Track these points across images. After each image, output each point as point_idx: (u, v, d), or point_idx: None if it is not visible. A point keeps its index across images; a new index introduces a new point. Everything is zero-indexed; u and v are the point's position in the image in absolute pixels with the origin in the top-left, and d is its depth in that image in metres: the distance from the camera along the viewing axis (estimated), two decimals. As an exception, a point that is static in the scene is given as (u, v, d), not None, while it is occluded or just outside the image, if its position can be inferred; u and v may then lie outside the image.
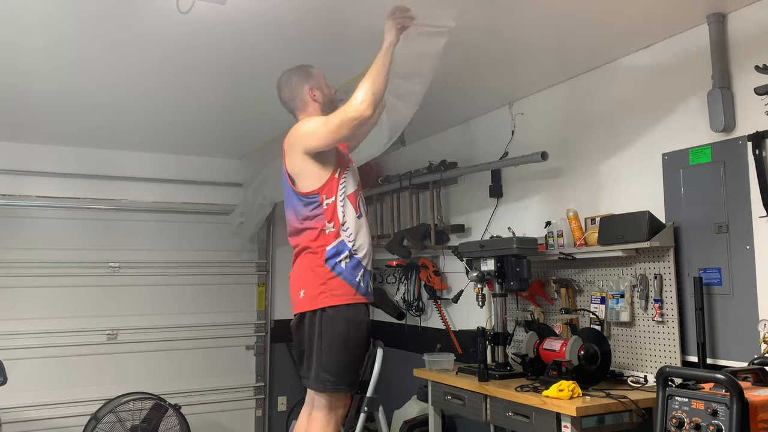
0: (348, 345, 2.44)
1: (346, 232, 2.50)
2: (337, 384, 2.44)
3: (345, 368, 2.44)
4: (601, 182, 3.14)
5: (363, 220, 2.56)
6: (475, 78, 3.32)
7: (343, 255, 2.47)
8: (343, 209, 2.52)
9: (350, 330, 2.45)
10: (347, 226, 2.51)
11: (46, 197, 4.55)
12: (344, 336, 2.44)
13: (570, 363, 2.69)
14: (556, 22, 2.63)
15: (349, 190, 2.56)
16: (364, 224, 2.57)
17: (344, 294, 2.46)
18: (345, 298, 2.46)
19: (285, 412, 5.27)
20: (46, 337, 4.46)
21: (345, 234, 2.50)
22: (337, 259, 2.47)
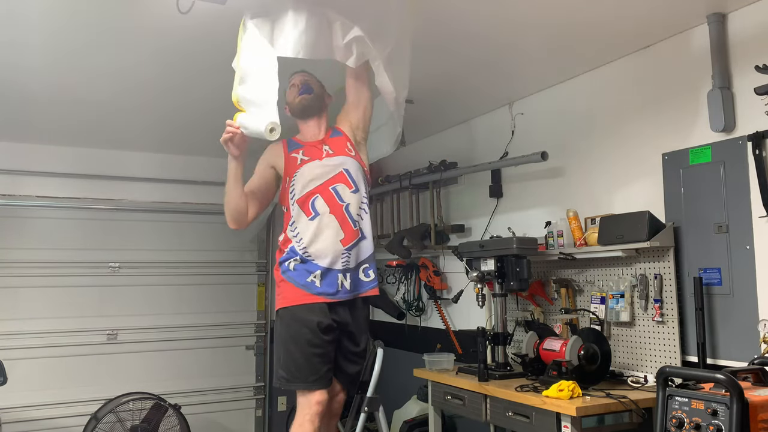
0: (298, 343, 2.45)
1: (296, 237, 2.52)
2: (290, 381, 2.46)
3: (296, 365, 2.45)
4: (601, 182, 3.14)
5: (318, 220, 2.50)
6: (475, 78, 3.32)
7: (292, 259, 2.52)
8: (294, 215, 2.55)
9: (297, 327, 2.47)
10: (296, 231, 2.53)
11: (46, 197, 4.55)
12: (291, 334, 2.48)
13: (570, 363, 2.69)
14: (556, 22, 2.63)
15: (297, 195, 2.55)
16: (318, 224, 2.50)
17: (292, 295, 2.51)
18: (292, 299, 2.50)
19: (285, 412, 5.27)
20: (46, 337, 4.46)
21: (295, 239, 2.52)
22: (286, 263, 2.53)
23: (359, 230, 2.56)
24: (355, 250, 2.54)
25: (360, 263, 2.57)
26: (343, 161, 2.59)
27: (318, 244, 2.49)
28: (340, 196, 2.54)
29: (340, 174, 2.57)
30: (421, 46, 2.72)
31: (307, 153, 2.61)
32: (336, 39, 2.28)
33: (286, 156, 2.63)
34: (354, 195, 2.57)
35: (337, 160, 2.59)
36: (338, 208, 2.52)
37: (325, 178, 2.55)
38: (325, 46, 2.28)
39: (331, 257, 2.48)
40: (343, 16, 2.26)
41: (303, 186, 2.54)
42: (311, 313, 2.46)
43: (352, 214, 2.54)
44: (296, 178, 2.56)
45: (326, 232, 2.50)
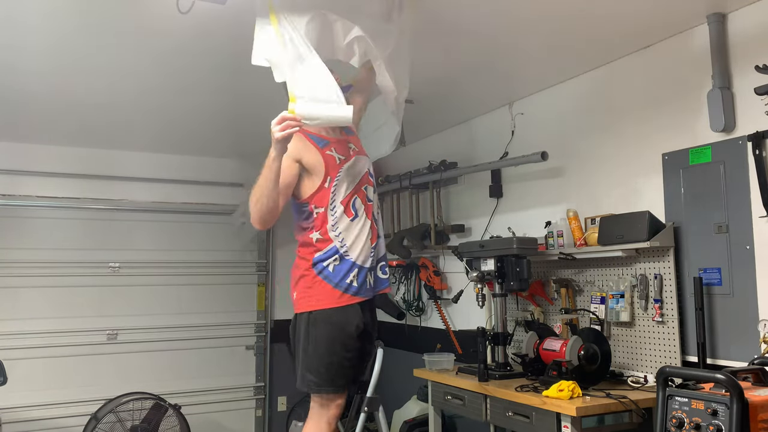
0: (332, 347, 2.42)
1: (338, 237, 2.47)
2: (321, 385, 2.42)
3: (328, 370, 2.42)
4: (601, 182, 3.14)
5: (358, 221, 2.49)
6: (475, 78, 3.32)
7: (331, 259, 2.46)
8: (335, 216, 2.48)
9: (334, 332, 2.43)
10: (339, 232, 2.48)
11: (46, 197, 4.55)
12: (327, 337, 2.43)
13: (570, 363, 2.69)
14: (556, 22, 2.63)
15: (340, 197, 2.49)
16: (360, 224, 2.50)
17: (329, 297, 2.45)
18: (329, 301, 2.45)
19: (285, 412, 5.27)
20: (46, 337, 4.45)
21: (337, 239, 2.47)
22: (324, 263, 2.46)
23: (378, 228, 2.60)
24: (377, 248, 2.57)
25: (378, 260, 2.58)
26: (365, 162, 2.62)
27: (358, 245, 2.48)
28: (368, 196, 2.57)
29: (366, 175, 2.59)
30: (421, 46, 2.72)
31: (339, 151, 2.54)
32: (338, 39, 2.29)
33: (321, 153, 2.50)
34: (375, 195, 2.62)
35: (363, 159, 2.61)
36: (369, 209, 2.54)
37: (359, 177, 2.55)
38: (327, 47, 2.28)
39: (367, 255, 2.50)
40: (344, 16, 2.26)
41: (347, 186, 2.50)
42: (349, 317, 2.44)
43: (375, 214, 2.58)
44: (340, 177, 2.50)
45: (364, 232, 2.51)
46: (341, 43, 2.29)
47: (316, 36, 2.23)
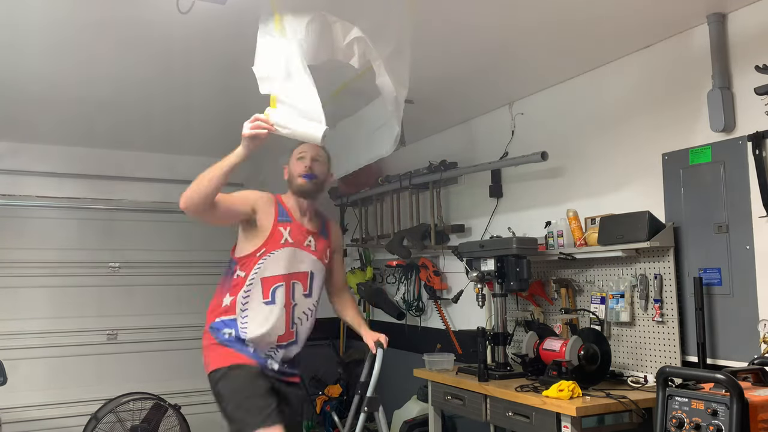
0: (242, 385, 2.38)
1: (243, 313, 2.45)
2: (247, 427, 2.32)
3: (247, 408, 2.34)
4: (601, 182, 3.13)
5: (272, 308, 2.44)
6: (475, 78, 3.32)
7: (226, 329, 2.46)
8: (250, 291, 2.45)
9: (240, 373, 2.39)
10: (246, 308, 2.45)
11: (46, 197, 4.55)
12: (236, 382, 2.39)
13: (570, 363, 2.69)
14: (556, 22, 2.63)
15: (266, 273, 2.45)
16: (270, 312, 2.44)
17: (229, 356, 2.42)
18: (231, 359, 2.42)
19: (285, 412, 5.27)
20: (46, 337, 4.46)
21: (241, 316, 2.45)
22: (222, 331, 2.47)
23: (294, 334, 2.53)
24: (284, 351, 2.52)
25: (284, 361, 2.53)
26: (315, 264, 2.57)
27: (259, 331, 2.43)
28: (294, 293, 2.50)
29: (304, 273, 2.54)
30: (421, 46, 2.71)
31: (293, 235, 2.52)
32: (337, 40, 2.29)
33: (274, 221, 2.51)
34: (304, 298, 2.54)
35: (312, 259, 2.56)
36: (288, 304, 2.48)
37: (294, 269, 2.50)
38: (326, 48, 2.29)
39: (262, 345, 2.45)
40: (343, 17, 2.26)
41: (275, 268, 2.47)
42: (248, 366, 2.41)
43: (295, 316, 2.51)
44: (273, 256, 2.47)
45: (271, 321, 2.44)
46: (341, 44, 2.29)
47: (315, 37, 2.23)
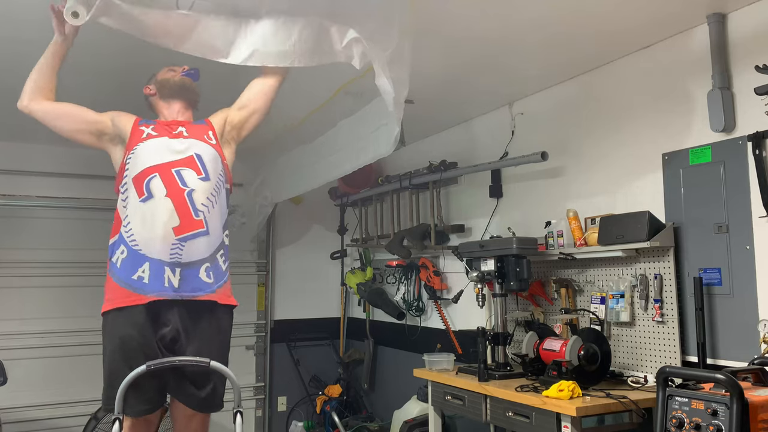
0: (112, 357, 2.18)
1: (125, 223, 2.19)
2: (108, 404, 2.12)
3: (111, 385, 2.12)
4: (601, 182, 3.13)
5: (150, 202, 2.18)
6: (475, 78, 3.32)
7: (118, 251, 2.20)
8: (126, 196, 2.23)
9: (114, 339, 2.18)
10: (126, 215, 2.20)
11: (46, 197, 4.55)
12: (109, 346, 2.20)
13: (570, 363, 2.69)
14: (556, 21, 2.63)
15: (136, 171, 2.23)
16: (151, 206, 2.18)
17: (114, 298, 2.19)
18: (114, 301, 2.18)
19: (285, 412, 5.27)
20: (46, 337, 4.46)
21: (123, 226, 2.20)
22: (113, 257, 2.22)
23: (203, 222, 2.24)
24: (192, 244, 2.20)
25: (200, 260, 2.23)
26: (197, 145, 2.35)
27: (146, 230, 2.17)
28: (183, 180, 2.24)
29: (189, 158, 2.30)
30: (421, 46, 2.71)
31: (157, 129, 2.36)
32: (335, 44, 2.29)
33: (134, 127, 2.35)
34: (202, 183, 2.28)
35: (188, 142, 2.34)
36: (179, 192, 2.22)
37: (169, 158, 2.27)
38: (324, 51, 2.29)
39: (159, 246, 2.16)
40: (341, 19, 2.26)
41: (141, 161, 2.25)
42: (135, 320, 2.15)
43: (195, 202, 2.23)
44: (136, 151, 2.28)
45: (157, 217, 2.18)
46: (339, 46, 2.30)
47: (311, 43, 2.24)
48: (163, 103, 2.51)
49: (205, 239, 2.25)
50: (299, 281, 5.43)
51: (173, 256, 2.18)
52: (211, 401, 2.30)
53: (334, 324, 5.50)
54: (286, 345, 5.29)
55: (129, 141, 2.34)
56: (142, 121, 2.41)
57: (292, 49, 2.22)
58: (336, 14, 2.27)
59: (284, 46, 2.22)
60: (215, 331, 2.31)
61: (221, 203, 2.35)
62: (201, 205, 2.25)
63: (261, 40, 2.23)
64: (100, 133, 2.41)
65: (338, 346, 5.44)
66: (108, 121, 2.41)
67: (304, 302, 5.43)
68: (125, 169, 2.30)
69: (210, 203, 2.28)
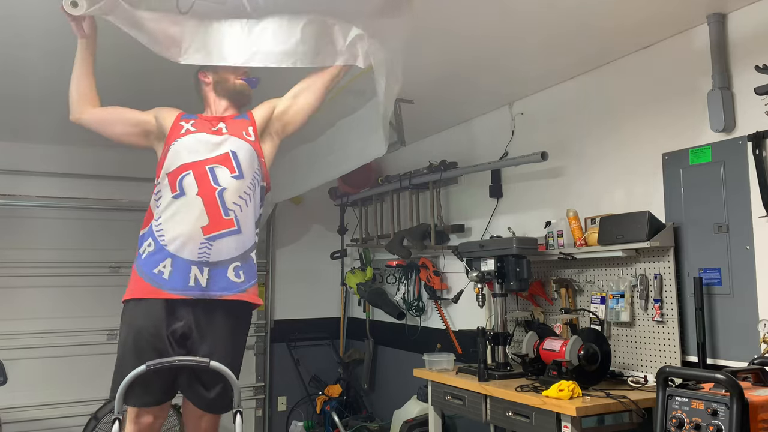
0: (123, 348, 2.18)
1: (156, 217, 2.23)
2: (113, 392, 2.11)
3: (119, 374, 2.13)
4: (601, 182, 3.14)
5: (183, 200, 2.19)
6: (475, 78, 3.32)
7: (146, 243, 2.23)
8: (159, 190, 2.26)
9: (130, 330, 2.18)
10: (159, 211, 2.23)
11: (46, 197, 4.55)
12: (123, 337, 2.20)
13: (570, 363, 2.69)
14: (556, 22, 2.63)
15: (171, 167, 2.24)
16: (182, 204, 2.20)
17: (135, 288, 2.20)
18: (134, 292, 2.20)
19: (285, 412, 5.27)
20: (46, 337, 4.46)
21: (155, 220, 2.23)
22: (141, 248, 2.25)
23: (234, 221, 2.21)
24: (221, 243, 2.19)
25: (229, 260, 2.21)
26: (233, 142, 2.31)
27: (174, 227, 2.18)
28: (216, 178, 2.23)
29: (224, 155, 2.27)
30: (421, 45, 2.72)
31: (197, 124, 2.34)
32: (338, 43, 2.29)
33: (175, 121, 2.36)
34: (235, 181, 2.25)
35: (225, 139, 2.31)
36: (210, 191, 2.20)
37: (204, 155, 2.26)
38: (327, 52, 2.28)
39: (187, 244, 2.16)
40: (343, 17, 2.26)
41: (177, 157, 2.26)
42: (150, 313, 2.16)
43: (226, 201, 2.21)
44: (174, 147, 2.28)
45: (186, 214, 2.18)
46: (342, 46, 2.29)
47: (314, 41, 2.24)
48: (214, 97, 2.46)
49: (235, 238, 2.22)
50: (299, 281, 5.43)
51: (201, 255, 2.17)
52: (220, 402, 2.25)
53: (334, 324, 5.50)
54: (286, 345, 5.29)
55: (168, 135, 2.33)
56: (184, 116, 2.40)
57: (294, 49, 2.21)
58: (337, 13, 2.27)
59: (286, 46, 2.22)
60: (234, 330, 2.28)
61: (255, 201, 2.32)
62: (233, 204, 2.23)
63: (263, 40, 2.23)
64: (147, 133, 2.41)
65: (338, 346, 5.44)
66: (152, 119, 2.40)
67: (304, 302, 5.43)
68: (163, 164, 2.30)
69: (243, 201, 2.26)
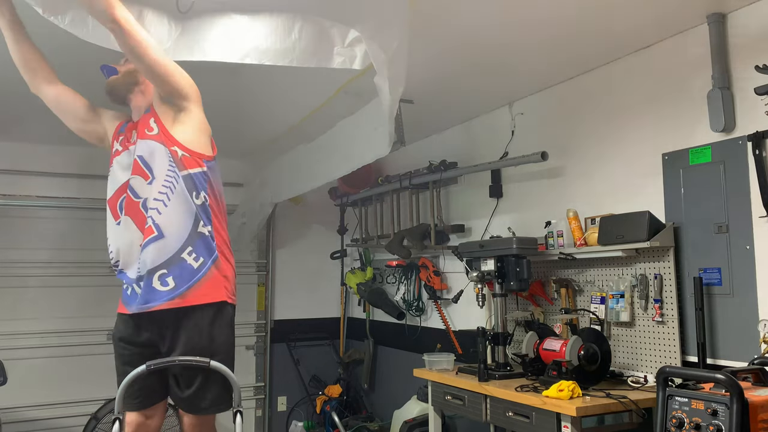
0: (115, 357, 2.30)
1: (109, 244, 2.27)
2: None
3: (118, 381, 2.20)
4: (601, 182, 3.13)
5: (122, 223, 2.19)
6: (475, 78, 3.32)
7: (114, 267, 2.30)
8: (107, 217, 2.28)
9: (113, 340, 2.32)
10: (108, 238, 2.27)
11: (46, 197, 4.55)
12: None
13: (570, 363, 2.69)
14: (556, 22, 2.63)
15: (109, 193, 2.26)
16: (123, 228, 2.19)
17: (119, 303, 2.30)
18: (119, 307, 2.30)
19: (285, 412, 5.27)
20: (46, 337, 4.46)
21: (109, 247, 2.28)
22: None
23: (152, 227, 2.11)
24: (146, 253, 2.11)
25: (154, 269, 2.12)
26: (139, 147, 2.21)
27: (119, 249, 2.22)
28: (135, 191, 2.18)
29: (135, 164, 2.18)
30: (421, 46, 2.72)
31: (124, 141, 2.31)
32: (336, 44, 2.29)
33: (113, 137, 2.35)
34: (149, 187, 2.15)
35: (133, 147, 2.24)
36: (134, 206, 2.17)
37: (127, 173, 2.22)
38: (325, 52, 2.28)
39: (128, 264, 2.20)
40: (342, 19, 2.26)
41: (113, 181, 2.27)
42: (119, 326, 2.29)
43: (148, 210, 2.14)
44: (110, 171, 2.31)
45: (126, 237, 2.19)
46: (340, 47, 2.29)
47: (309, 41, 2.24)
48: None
49: (156, 245, 2.11)
50: (299, 281, 5.43)
51: (139, 269, 2.17)
52: (196, 402, 2.21)
53: (334, 324, 5.50)
54: (286, 345, 5.29)
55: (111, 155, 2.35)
56: (120, 129, 2.39)
57: (292, 47, 2.22)
58: (336, 14, 2.27)
59: (284, 44, 2.22)
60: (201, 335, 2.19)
61: (178, 195, 2.15)
62: (150, 210, 2.14)
63: (260, 37, 2.23)
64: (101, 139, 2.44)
65: (338, 346, 5.44)
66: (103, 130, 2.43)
67: (304, 302, 5.43)
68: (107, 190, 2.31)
69: (160, 203, 2.13)
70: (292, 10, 2.22)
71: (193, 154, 2.23)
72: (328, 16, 2.26)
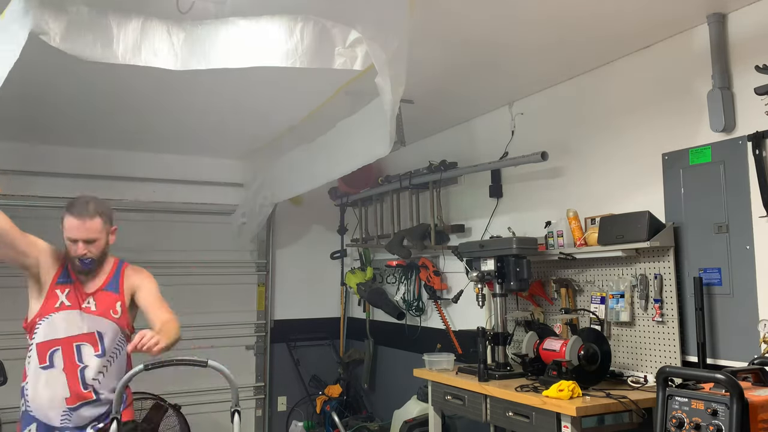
0: None
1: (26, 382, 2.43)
2: None
3: None
4: (601, 182, 3.13)
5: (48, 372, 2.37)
6: (475, 78, 3.32)
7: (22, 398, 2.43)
8: (30, 355, 2.44)
9: None
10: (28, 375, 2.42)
11: (46, 197, 4.55)
12: None
13: (570, 363, 2.69)
14: (556, 22, 2.63)
15: (43, 339, 2.40)
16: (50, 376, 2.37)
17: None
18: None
19: (285, 412, 5.27)
20: (46, 337, 4.45)
21: (25, 383, 2.43)
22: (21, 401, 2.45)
23: (92, 393, 2.42)
24: (81, 411, 2.40)
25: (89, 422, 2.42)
26: (100, 323, 2.46)
27: (39, 395, 2.38)
28: (81, 356, 2.41)
29: (90, 335, 2.44)
30: (421, 46, 2.72)
31: (71, 296, 2.47)
32: (337, 45, 2.29)
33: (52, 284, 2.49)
34: (97, 359, 2.43)
35: (94, 321, 2.45)
36: (73, 368, 2.39)
37: (74, 332, 2.42)
38: (325, 53, 2.28)
39: (50, 413, 2.38)
40: (342, 20, 2.26)
41: (50, 330, 2.42)
42: None
43: (87, 378, 2.40)
44: (46, 321, 2.44)
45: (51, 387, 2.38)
46: (341, 48, 2.29)
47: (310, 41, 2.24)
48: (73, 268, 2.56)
49: (93, 406, 2.42)
50: (299, 281, 5.43)
51: (63, 421, 2.37)
52: None
53: (334, 324, 5.50)
54: (286, 345, 5.29)
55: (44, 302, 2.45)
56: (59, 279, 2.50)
57: (294, 48, 2.22)
58: (337, 15, 2.27)
59: (287, 46, 2.22)
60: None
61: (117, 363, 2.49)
62: (92, 380, 2.41)
63: (262, 40, 2.23)
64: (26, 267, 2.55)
65: (338, 346, 5.44)
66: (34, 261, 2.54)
67: (304, 302, 5.43)
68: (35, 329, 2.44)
69: (102, 373, 2.44)
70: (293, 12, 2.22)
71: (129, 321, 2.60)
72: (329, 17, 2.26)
